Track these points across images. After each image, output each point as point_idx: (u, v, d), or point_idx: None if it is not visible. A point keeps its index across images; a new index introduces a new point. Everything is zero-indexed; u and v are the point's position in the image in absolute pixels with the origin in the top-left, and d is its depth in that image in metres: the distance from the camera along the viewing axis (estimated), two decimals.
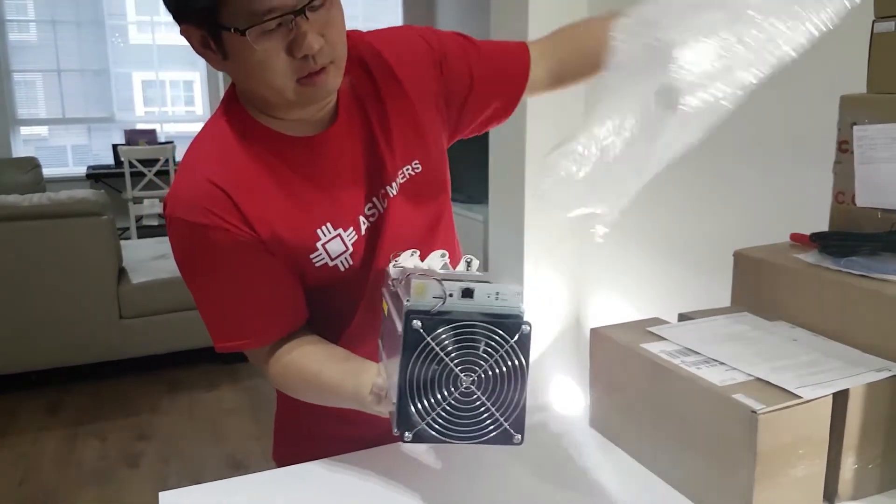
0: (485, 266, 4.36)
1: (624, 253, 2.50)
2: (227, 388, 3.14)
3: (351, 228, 0.93)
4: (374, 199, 0.95)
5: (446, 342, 0.58)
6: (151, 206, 5.27)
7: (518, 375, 0.61)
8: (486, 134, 2.70)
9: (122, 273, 3.27)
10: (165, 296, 3.27)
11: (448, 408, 0.59)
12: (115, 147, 5.89)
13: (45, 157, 5.78)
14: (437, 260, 0.81)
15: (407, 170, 0.97)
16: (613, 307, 2.60)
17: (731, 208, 2.01)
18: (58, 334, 3.10)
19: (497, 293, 0.63)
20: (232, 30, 0.78)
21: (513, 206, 2.74)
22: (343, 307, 0.98)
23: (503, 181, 2.82)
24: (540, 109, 2.64)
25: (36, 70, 5.86)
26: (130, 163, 5.22)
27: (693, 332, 0.99)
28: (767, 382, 0.82)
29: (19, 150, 5.86)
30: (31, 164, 5.33)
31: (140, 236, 4.95)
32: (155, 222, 5.52)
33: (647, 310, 2.40)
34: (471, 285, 0.62)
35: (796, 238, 1.14)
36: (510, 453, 0.97)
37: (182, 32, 0.83)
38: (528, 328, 0.61)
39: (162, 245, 3.81)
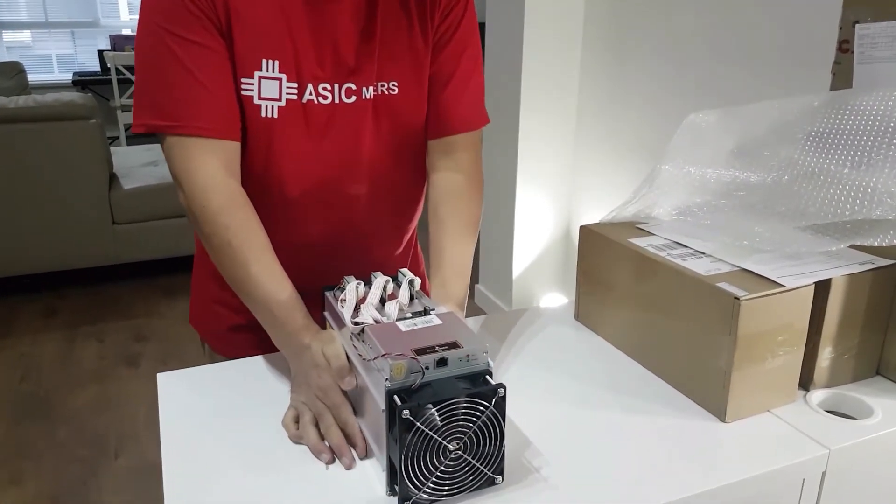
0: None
1: (614, 171, 2.49)
2: None
3: (295, 85, 0.90)
4: (335, 86, 0.92)
5: (433, 420, 0.64)
6: None
7: (497, 431, 0.67)
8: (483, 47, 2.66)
9: (113, 179, 3.24)
10: (158, 202, 3.27)
11: (439, 474, 0.67)
12: (100, 53, 5.72)
13: (30, 65, 5.63)
14: (378, 291, 0.86)
15: (382, 86, 0.95)
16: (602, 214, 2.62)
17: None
18: (51, 239, 3.10)
19: (468, 356, 0.69)
20: None
21: (506, 127, 2.71)
22: (258, 159, 0.93)
23: (497, 102, 2.78)
24: (536, 23, 2.57)
25: (22, 23, 5.64)
26: (117, 69, 5.09)
27: (681, 224, 1.00)
28: (752, 272, 0.84)
29: (3, 56, 5.70)
30: (16, 69, 5.19)
31: (129, 145, 4.89)
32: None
33: None
34: (444, 354, 0.68)
35: None
36: (496, 344, 1.00)
37: None
38: (503, 391, 0.66)
39: (152, 152, 3.76)
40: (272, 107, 0.89)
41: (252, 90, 0.88)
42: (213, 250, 0.88)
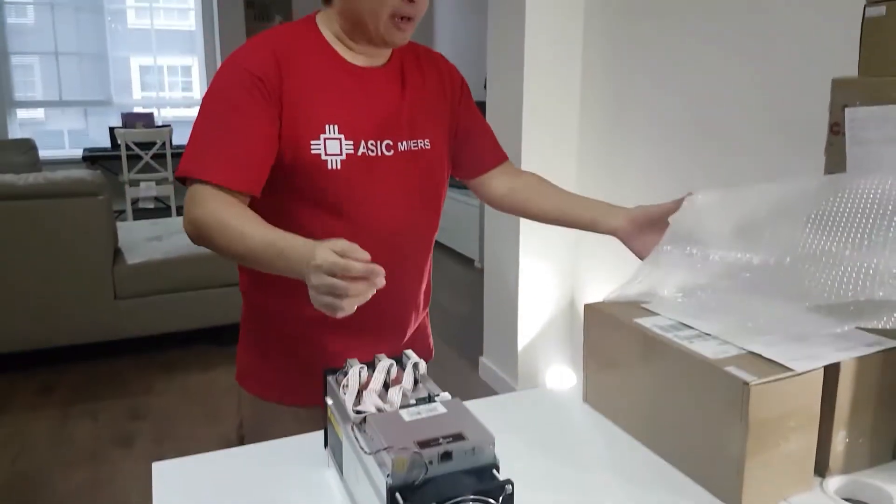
0: (482, 254, 4.37)
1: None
2: (221, 370, 3.14)
3: (351, 142, 1.09)
4: (379, 141, 1.11)
5: None
6: (148, 189, 5.25)
7: None
8: (483, 114, 2.73)
9: (117, 254, 3.26)
10: (160, 277, 3.27)
11: None
12: (111, 130, 5.86)
13: (42, 141, 5.76)
14: (381, 375, 0.85)
15: (419, 142, 1.16)
16: (607, 289, 2.60)
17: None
18: (52, 314, 3.09)
19: (473, 448, 0.66)
20: None
21: None
22: (321, 208, 1.09)
23: None
24: (536, 100, 2.63)
25: (34, 53, 5.83)
26: (127, 145, 5.20)
27: (686, 305, 0.99)
28: (760, 356, 0.83)
29: (15, 133, 5.83)
30: (28, 146, 5.30)
31: (136, 219, 4.94)
32: (151, 205, 5.50)
33: None
34: (448, 447, 0.65)
35: None
36: (504, 430, 0.98)
37: None
38: (511, 487, 0.64)
39: (157, 227, 3.80)
40: (336, 160, 1.08)
41: (319, 149, 1.06)
42: (205, 241, 1.00)
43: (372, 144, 1.10)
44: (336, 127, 1.07)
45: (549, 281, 2.80)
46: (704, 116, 2.10)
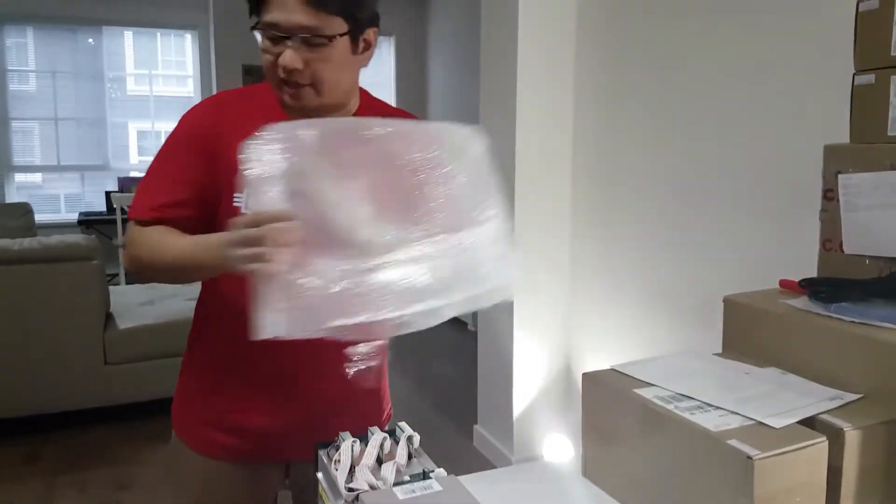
0: (475, 317, 4.33)
1: (614, 300, 2.50)
2: None
3: None
4: None
5: None
6: None
7: None
8: None
9: (109, 318, 3.22)
10: (152, 342, 3.23)
11: None
12: (107, 194, 5.89)
13: (38, 204, 5.77)
14: (374, 450, 0.85)
15: None
16: (603, 355, 2.58)
17: (720, 255, 2.03)
18: (40, 380, 3.03)
19: None
20: (257, 25, 1.03)
21: None
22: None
23: None
24: (528, 156, 2.66)
25: (34, 119, 5.91)
26: (122, 209, 5.22)
27: (683, 376, 0.98)
28: (762, 427, 0.81)
29: (13, 197, 5.86)
30: (24, 210, 5.32)
31: (129, 283, 4.92)
32: None
33: (636, 355, 2.39)
34: None
35: (785, 284, 1.14)
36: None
37: (251, 28, 1.06)
38: None
39: (150, 291, 3.77)
40: None
41: (240, 202, 1.07)
42: (141, 267, 1.10)
43: None
44: None
45: (544, 347, 2.77)
46: (697, 179, 2.12)
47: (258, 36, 1.04)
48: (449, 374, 4.05)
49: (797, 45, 1.77)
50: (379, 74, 6.85)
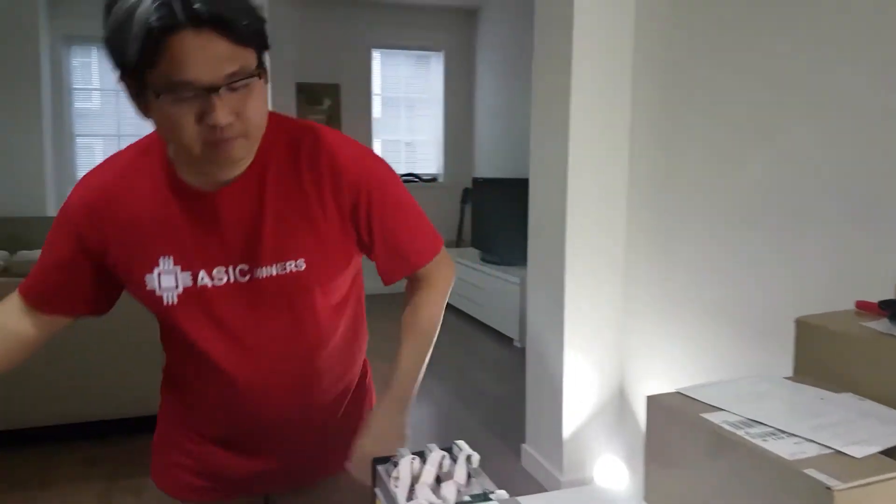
0: (521, 333, 4.30)
1: (671, 320, 2.43)
2: None
3: (189, 273, 1.01)
4: (229, 268, 1.01)
5: None
6: None
7: None
8: (525, 192, 2.67)
9: None
10: None
11: None
12: None
13: None
14: (433, 468, 0.84)
15: (287, 265, 1.02)
16: (659, 377, 2.52)
17: (785, 273, 1.95)
18: (102, 387, 3.11)
19: None
20: (151, 91, 0.85)
21: (552, 270, 2.71)
22: (171, 338, 1.11)
23: (543, 244, 2.80)
24: (581, 172, 2.63)
25: (97, 135, 6.14)
26: None
27: (753, 401, 0.94)
28: (841, 456, 0.77)
29: None
30: None
31: None
32: None
33: (697, 381, 2.32)
34: None
35: (863, 306, 1.09)
36: None
37: (118, 79, 0.89)
38: None
39: None
40: (171, 295, 1.01)
41: (153, 284, 1.01)
42: None
43: (219, 272, 1.01)
44: (171, 259, 1.00)
45: (596, 365, 2.72)
46: (762, 193, 2.06)
47: (160, 99, 0.85)
48: (495, 391, 4.01)
49: (875, 49, 1.71)
50: (427, 91, 6.91)
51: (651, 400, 0.99)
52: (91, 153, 6.17)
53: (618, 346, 2.72)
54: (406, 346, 1.15)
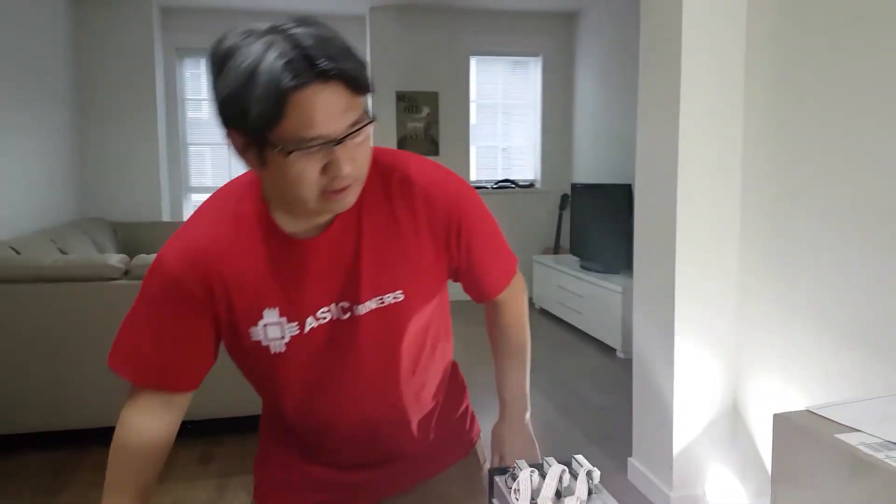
0: (625, 343, 4.25)
1: (790, 334, 2.32)
2: None
3: (295, 323, 1.02)
4: (331, 306, 1.02)
5: None
6: None
7: None
8: (628, 197, 2.60)
9: None
10: None
11: None
12: None
13: None
14: (553, 482, 0.84)
15: (386, 297, 1.04)
16: (776, 392, 2.40)
17: None
18: (215, 387, 3.25)
19: None
20: (278, 148, 0.85)
21: (661, 277, 2.63)
22: (275, 389, 1.10)
23: (650, 250, 2.73)
24: (692, 176, 2.55)
25: (207, 143, 6.49)
26: None
27: (891, 422, 0.88)
28: None
29: (189, 214, 6.45)
30: None
31: None
32: None
33: (818, 399, 2.20)
34: None
35: None
36: None
37: (226, 135, 0.90)
38: None
39: None
40: (279, 344, 1.02)
41: (259, 336, 1.01)
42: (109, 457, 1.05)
43: (324, 312, 1.02)
44: (277, 311, 1.00)
45: (709, 377, 2.62)
46: (892, 195, 1.93)
47: (280, 156, 0.85)
48: (599, 402, 3.94)
49: None
50: (525, 95, 6.89)
51: (779, 418, 0.95)
52: (202, 160, 6.54)
53: (731, 360, 2.62)
54: (505, 366, 1.24)
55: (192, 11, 6.17)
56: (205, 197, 1.10)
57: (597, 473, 0.83)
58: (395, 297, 1.03)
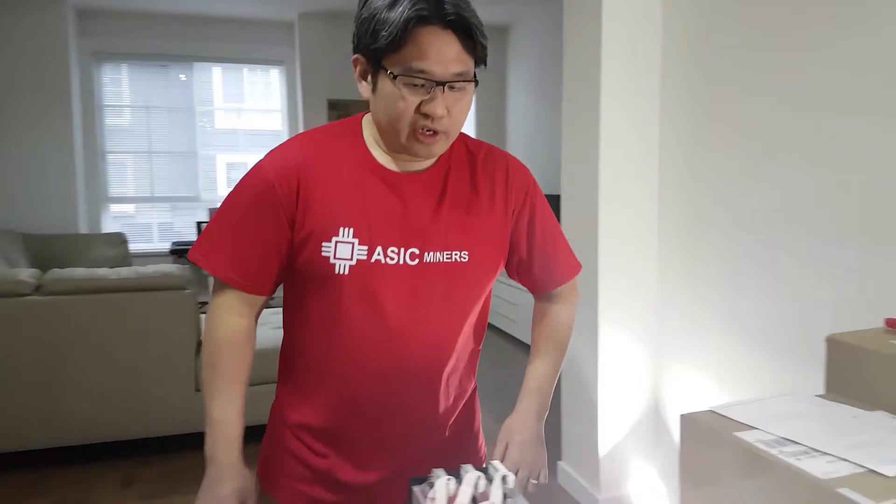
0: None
1: (704, 337, 2.43)
2: None
3: (365, 247, 1.07)
4: (402, 249, 1.08)
5: None
6: None
7: None
8: (556, 210, 2.66)
9: (199, 346, 3.36)
10: None
11: None
12: (198, 224, 6.20)
13: (132, 233, 6.11)
14: (469, 489, 0.86)
15: (453, 254, 1.10)
16: (693, 395, 2.51)
17: (817, 291, 1.94)
18: (136, 406, 3.17)
19: None
20: (389, 72, 0.98)
21: (585, 287, 2.71)
22: (324, 316, 1.11)
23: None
24: (612, 186, 2.64)
25: (128, 151, 6.27)
26: None
27: (786, 419, 0.95)
28: (874, 475, 0.78)
29: (108, 227, 6.21)
30: (119, 240, 5.63)
31: None
32: None
33: (731, 395, 2.30)
34: None
35: (892, 323, 1.09)
36: None
37: (353, 61, 1.05)
38: None
39: None
40: (344, 265, 1.06)
41: (329, 252, 1.06)
42: (203, 363, 1.12)
43: (392, 252, 1.07)
44: (351, 230, 1.06)
45: (632, 381, 2.70)
46: (792, 209, 2.05)
47: (389, 81, 0.99)
48: None
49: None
50: None
51: (684, 418, 1.01)
52: (122, 169, 6.31)
53: (652, 363, 2.71)
54: (547, 359, 1.26)
55: (110, 14, 5.97)
56: (126, 207, 1.12)
57: (511, 478, 0.86)
58: (460, 256, 1.10)
